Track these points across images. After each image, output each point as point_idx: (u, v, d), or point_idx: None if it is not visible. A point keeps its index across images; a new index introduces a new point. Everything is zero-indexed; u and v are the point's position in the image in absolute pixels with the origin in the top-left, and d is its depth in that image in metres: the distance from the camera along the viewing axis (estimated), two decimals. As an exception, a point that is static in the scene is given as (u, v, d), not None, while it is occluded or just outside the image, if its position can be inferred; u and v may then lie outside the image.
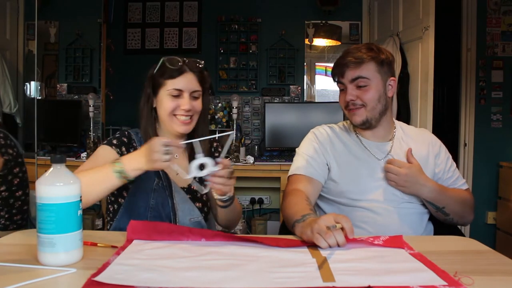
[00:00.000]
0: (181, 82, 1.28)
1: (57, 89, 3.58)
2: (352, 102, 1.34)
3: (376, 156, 1.39)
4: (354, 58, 1.32)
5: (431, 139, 1.47)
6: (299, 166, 1.39)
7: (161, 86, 1.30)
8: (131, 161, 1.09)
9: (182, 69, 1.28)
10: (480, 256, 0.96)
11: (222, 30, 3.66)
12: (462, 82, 3.28)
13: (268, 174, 3.01)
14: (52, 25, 3.55)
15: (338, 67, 1.35)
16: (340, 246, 0.95)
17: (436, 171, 1.41)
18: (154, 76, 1.32)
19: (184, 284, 0.74)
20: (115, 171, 1.07)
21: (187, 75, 1.29)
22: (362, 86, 1.32)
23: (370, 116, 1.35)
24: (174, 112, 1.29)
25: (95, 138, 3.13)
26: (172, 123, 1.30)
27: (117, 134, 1.36)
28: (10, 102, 3.33)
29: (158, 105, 1.33)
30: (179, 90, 1.28)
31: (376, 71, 1.33)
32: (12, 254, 0.89)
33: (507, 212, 3.14)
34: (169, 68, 1.28)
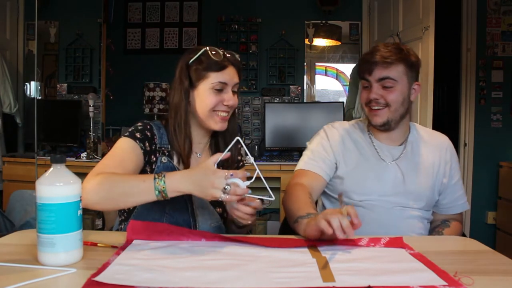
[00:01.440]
0: (225, 76, 1.19)
1: (57, 89, 3.58)
2: (376, 101, 1.31)
3: (385, 159, 1.38)
4: (384, 58, 1.28)
5: (446, 145, 1.44)
6: (306, 161, 1.40)
7: (203, 79, 1.19)
8: (176, 184, 0.96)
9: (226, 63, 1.20)
10: (480, 256, 0.96)
11: (222, 30, 3.66)
12: (462, 82, 3.28)
13: (268, 174, 3.01)
14: (52, 25, 3.55)
15: (366, 64, 1.31)
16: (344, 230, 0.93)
17: (444, 181, 1.39)
18: (192, 67, 1.20)
19: (184, 284, 0.74)
20: (156, 188, 0.96)
21: (230, 69, 1.21)
22: (388, 87, 1.30)
23: (392, 117, 1.32)
24: (215, 108, 1.20)
25: (95, 138, 3.13)
26: (210, 120, 1.21)
27: (139, 125, 1.23)
28: (10, 102, 3.33)
29: (196, 99, 1.21)
30: (224, 83, 1.19)
31: (404, 73, 1.30)
32: (12, 254, 0.89)
33: (507, 212, 3.14)
34: (213, 60, 1.18)
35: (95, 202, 1.00)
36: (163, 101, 3.43)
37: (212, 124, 1.21)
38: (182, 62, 1.22)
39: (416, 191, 1.35)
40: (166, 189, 0.95)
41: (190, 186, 0.95)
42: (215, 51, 1.19)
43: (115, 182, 1.00)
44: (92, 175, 1.04)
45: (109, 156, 1.14)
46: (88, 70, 3.57)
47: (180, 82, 1.21)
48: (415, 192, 1.35)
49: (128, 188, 0.99)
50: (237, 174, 0.92)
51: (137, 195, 0.98)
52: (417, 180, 1.36)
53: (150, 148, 1.20)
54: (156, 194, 0.95)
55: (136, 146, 1.17)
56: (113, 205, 1.04)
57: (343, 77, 3.81)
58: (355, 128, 1.45)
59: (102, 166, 1.09)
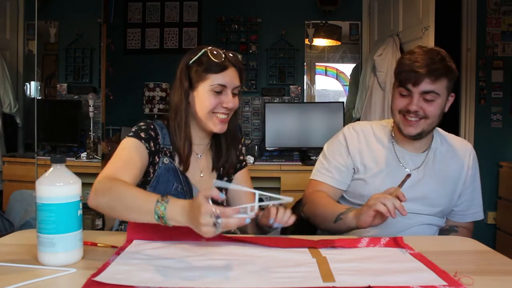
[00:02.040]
0: (225, 78, 1.18)
1: (57, 89, 3.58)
2: (416, 112, 1.25)
3: (407, 167, 1.34)
4: (433, 71, 1.21)
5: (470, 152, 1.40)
6: (322, 172, 1.39)
7: (202, 80, 1.18)
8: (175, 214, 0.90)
9: (227, 63, 1.18)
10: (480, 256, 0.96)
11: (222, 30, 3.66)
12: (462, 82, 3.28)
13: (268, 174, 3.01)
14: (52, 25, 3.55)
15: (412, 74, 1.23)
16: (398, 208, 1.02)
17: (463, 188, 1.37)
18: (192, 68, 1.19)
19: (184, 284, 0.74)
20: (156, 212, 0.90)
21: (230, 70, 1.19)
22: (429, 100, 1.24)
23: (426, 129, 1.28)
24: (214, 110, 1.19)
25: (95, 138, 3.13)
26: (209, 122, 1.20)
27: (142, 125, 1.21)
28: (10, 102, 3.33)
29: (195, 100, 1.20)
30: (223, 86, 1.18)
31: (446, 87, 1.26)
32: (12, 254, 0.89)
33: (507, 212, 3.14)
34: (213, 62, 1.16)
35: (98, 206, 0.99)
36: (163, 101, 3.43)
37: (211, 126, 1.20)
38: (182, 63, 1.21)
39: (433, 197, 1.33)
40: (165, 216, 0.89)
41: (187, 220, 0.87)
42: (216, 51, 1.18)
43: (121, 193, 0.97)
44: (103, 178, 1.03)
45: (116, 156, 1.12)
46: (88, 70, 3.57)
47: (180, 82, 1.20)
48: (432, 198, 1.32)
49: (131, 203, 0.95)
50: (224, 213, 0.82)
51: (138, 213, 0.94)
52: (436, 188, 1.33)
53: (154, 148, 1.19)
54: (155, 218, 0.90)
55: (142, 146, 1.16)
56: (114, 215, 1.03)
57: (343, 77, 3.81)
58: (377, 132, 1.40)
59: (111, 168, 1.08)
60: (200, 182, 1.26)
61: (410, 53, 1.28)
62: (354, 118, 3.39)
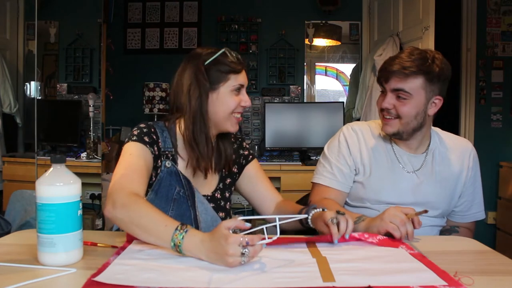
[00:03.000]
0: (243, 78, 1.19)
1: (57, 89, 3.58)
2: (388, 110, 1.26)
3: (405, 168, 1.33)
4: (403, 68, 1.21)
5: (470, 151, 1.39)
6: (326, 176, 1.37)
7: (223, 81, 1.16)
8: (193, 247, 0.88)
9: (242, 64, 1.19)
10: (480, 256, 0.96)
11: (222, 30, 3.66)
12: (462, 82, 3.28)
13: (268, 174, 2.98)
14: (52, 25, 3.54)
15: (384, 72, 1.25)
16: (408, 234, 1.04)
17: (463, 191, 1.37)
18: (209, 69, 1.16)
19: (184, 284, 0.74)
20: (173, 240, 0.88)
21: (244, 70, 1.20)
22: (402, 98, 1.24)
23: (403, 129, 1.27)
24: (234, 110, 1.18)
25: (95, 138, 3.13)
26: (228, 122, 1.19)
27: (144, 128, 1.17)
28: (10, 102, 3.33)
29: (216, 102, 1.17)
30: (242, 85, 1.19)
31: (422, 87, 1.23)
32: (12, 254, 0.89)
33: (507, 212, 3.14)
34: (233, 62, 1.16)
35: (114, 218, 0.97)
36: (163, 101, 3.42)
37: (229, 126, 1.19)
38: (197, 64, 1.16)
39: (433, 201, 1.32)
40: (181, 246, 0.88)
41: (206, 254, 0.86)
42: (234, 52, 1.18)
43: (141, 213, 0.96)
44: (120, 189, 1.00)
45: (126, 163, 1.09)
46: (88, 70, 3.57)
47: (198, 84, 1.15)
48: (432, 202, 1.31)
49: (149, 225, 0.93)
50: (253, 240, 0.83)
51: (154, 236, 0.92)
52: (435, 190, 1.32)
53: (158, 152, 1.17)
54: (171, 245, 0.89)
55: (147, 151, 1.13)
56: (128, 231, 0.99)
57: (343, 77, 3.81)
58: (375, 132, 1.39)
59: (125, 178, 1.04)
60: (203, 184, 1.24)
61: (399, 52, 1.30)
62: (354, 118, 3.39)
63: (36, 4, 2.59)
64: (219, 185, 1.28)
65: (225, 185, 1.30)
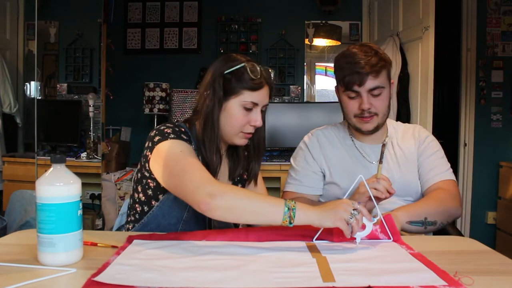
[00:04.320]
0: (259, 96, 1.15)
1: (57, 89, 3.58)
2: (369, 110, 1.30)
3: (369, 159, 1.40)
4: (372, 67, 1.25)
5: (418, 130, 1.45)
6: (292, 183, 1.44)
7: (236, 94, 1.14)
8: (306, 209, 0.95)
9: (263, 82, 1.15)
10: (480, 256, 0.96)
11: (222, 30, 3.66)
12: (462, 82, 3.28)
13: (268, 174, 3.01)
14: (52, 25, 3.55)
15: (356, 75, 1.26)
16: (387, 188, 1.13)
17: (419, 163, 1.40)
18: (226, 78, 1.14)
19: (184, 284, 0.74)
20: (286, 205, 0.94)
21: (264, 89, 1.16)
22: (376, 95, 1.29)
23: (381, 122, 1.35)
24: (242, 128, 1.17)
25: (95, 138, 3.13)
26: (236, 137, 1.18)
27: (175, 127, 1.14)
28: (10, 102, 3.33)
29: (224, 113, 1.15)
30: (255, 104, 1.15)
31: (386, 77, 1.31)
32: (12, 254, 0.89)
33: (507, 212, 3.14)
34: (250, 78, 1.13)
35: (217, 208, 0.96)
36: (163, 101, 3.43)
37: (237, 140, 1.19)
38: (216, 70, 1.16)
39: (404, 186, 1.35)
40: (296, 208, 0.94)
41: (317, 212, 0.95)
42: (254, 67, 1.14)
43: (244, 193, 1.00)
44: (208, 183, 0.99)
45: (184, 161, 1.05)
46: (88, 70, 3.57)
47: (214, 91, 1.14)
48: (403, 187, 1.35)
49: (258, 200, 0.98)
50: (362, 211, 0.97)
51: (266, 209, 0.96)
52: (402, 174, 1.37)
53: None
54: (284, 210, 0.93)
55: (192, 149, 1.12)
56: (234, 216, 0.99)
57: (343, 77, 3.81)
58: (336, 132, 1.47)
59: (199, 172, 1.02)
60: None
61: (345, 56, 1.31)
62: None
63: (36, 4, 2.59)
64: None
65: None
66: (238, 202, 0.96)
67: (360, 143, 1.42)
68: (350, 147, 1.43)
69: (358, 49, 1.30)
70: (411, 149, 1.41)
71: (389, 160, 1.39)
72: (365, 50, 1.29)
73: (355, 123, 1.36)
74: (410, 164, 1.39)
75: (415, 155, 1.41)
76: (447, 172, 1.38)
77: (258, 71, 1.14)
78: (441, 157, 1.41)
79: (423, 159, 1.40)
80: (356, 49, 1.30)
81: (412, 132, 1.45)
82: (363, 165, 1.39)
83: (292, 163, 1.49)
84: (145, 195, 1.17)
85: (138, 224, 1.16)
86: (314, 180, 1.43)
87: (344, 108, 1.37)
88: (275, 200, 0.97)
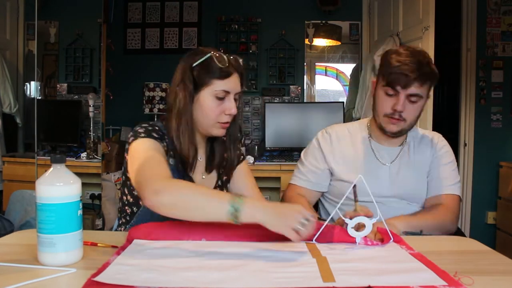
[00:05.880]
0: (229, 84, 1.16)
1: (57, 89, 3.58)
2: (401, 113, 1.29)
3: (381, 160, 1.39)
4: (422, 75, 1.24)
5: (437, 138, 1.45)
6: (299, 177, 1.47)
7: (206, 85, 1.15)
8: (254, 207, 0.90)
9: (231, 69, 1.16)
10: (480, 256, 0.96)
11: (222, 30, 3.66)
12: (462, 82, 3.28)
13: (268, 174, 3.01)
14: (52, 25, 3.55)
15: (402, 76, 1.25)
16: None
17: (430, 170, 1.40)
18: (195, 70, 1.16)
19: (184, 284, 0.74)
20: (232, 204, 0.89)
21: (234, 76, 1.17)
22: (413, 102, 1.28)
23: (406, 128, 1.34)
24: (218, 120, 1.18)
25: (95, 138, 3.13)
26: (213, 128, 1.19)
27: (148, 127, 1.16)
28: (10, 102, 3.33)
29: (197, 105, 1.17)
30: (227, 92, 1.16)
31: (428, 89, 1.30)
32: (12, 254, 0.89)
33: (507, 212, 3.14)
34: (218, 67, 1.14)
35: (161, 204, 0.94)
36: (163, 101, 3.43)
37: (214, 131, 1.20)
38: (185, 64, 1.18)
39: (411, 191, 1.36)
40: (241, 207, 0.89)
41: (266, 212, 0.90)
42: (220, 56, 1.15)
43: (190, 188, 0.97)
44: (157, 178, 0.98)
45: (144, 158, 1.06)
46: (88, 70, 3.57)
47: (184, 85, 1.16)
48: (410, 193, 1.36)
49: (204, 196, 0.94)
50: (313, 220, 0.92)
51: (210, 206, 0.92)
52: (412, 179, 1.37)
53: (166, 148, 1.17)
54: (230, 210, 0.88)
55: (159, 145, 1.13)
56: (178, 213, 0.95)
57: (343, 77, 3.81)
58: (354, 130, 1.46)
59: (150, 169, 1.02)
60: (202, 182, 1.26)
61: (397, 54, 1.28)
62: (354, 118, 3.39)
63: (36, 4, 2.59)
64: (217, 182, 1.31)
65: (223, 182, 1.33)
66: (182, 198, 0.94)
67: (376, 144, 1.42)
68: (364, 146, 1.42)
69: (413, 53, 1.28)
70: (426, 156, 1.41)
71: (403, 164, 1.39)
72: (419, 56, 1.27)
73: (382, 121, 1.34)
74: (423, 171, 1.39)
75: (429, 162, 1.40)
76: (453, 186, 1.38)
77: (225, 59, 1.15)
78: (452, 170, 1.41)
79: (434, 167, 1.40)
80: (411, 51, 1.28)
81: (431, 139, 1.44)
82: (374, 165, 1.38)
83: (302, 157, 1.51)
84: (132, 196, 1.19)
85: (129, 225, 1.17)
86: (319, 177, 1.44)
87: (376, 103, 1.35)
88: (221, 196, 0.93)
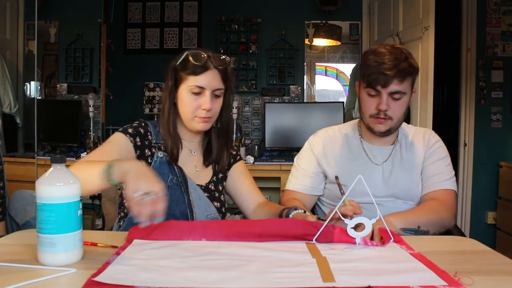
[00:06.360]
0: (203, 79, 1.21)
1: (57, 89, 3.58)
2: (385, 112, 1.29)
3: (374, 160, 1.40)
4: (400, 72, 1.24)
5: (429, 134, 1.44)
6: (293, 181, 1.47)
7: (183, 81, 1.23)
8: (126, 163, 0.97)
9: (206, 66, 1.21)
10: (480, 256, 0.96)
11: (222, 30, 3.66)
12: (462, 82, 3.28)
13: (268, 174, 3.01)
14: (52, 25, 3.55)
15: (382, 76, 1.25)
16: None
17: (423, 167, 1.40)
18: (177, 69, 1.25)
19: (184, 284, 0.74)
20: (108, 164, 0.96)
21: (210, 72, 1.22)
22: (396, 99, 1.28)
23: (394, 126, 1.34)
24: (195, 114, 1.24)
25: (95, 138, 3.13)
26: (192, 122, 1.25)
27: (134, 123, 1.29)
28: (10, 102, 3.33)
29: (178, 100, 1.26)
30: (201, 87, 1.21)
31: (410, 84, 1.30)
32: (12, 254, 0.89)
33: (507, 212, 3.14)
34: (192, 63, 1.21)
35: None
36: (163, 101, 3.43)
37: (194, 125, 1.26)
38: (171, 64, 1.28)
39: (407, 189, 1.36)
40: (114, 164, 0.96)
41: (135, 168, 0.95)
42: (197, 54, 1.22)
43: (79, 164, 1.05)
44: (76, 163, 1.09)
45: (99, 148, 1.23)
46: (88, 70, 3.57)
47: (166, 84, 1.27)
48: (406, 191, 1.36)
49: (85, 167, 1.02)
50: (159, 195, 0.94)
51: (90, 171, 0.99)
52: (405, 178, 1.37)
53: (141, 143, 1.25)
54: (104, 168, 0.96)
55: (126, 140, 1.23)
56: None
57: (343, 77, 3.81)
58: (345, 131, 1.47)
59: (89, 155, 1.16)
60: (196, 176, 1.31)
61: (375, 54, 1.29)
62: (354, 118, 3.38)
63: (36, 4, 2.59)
64: (212, 178, 1.34)
65: (218, 179, 1.36)
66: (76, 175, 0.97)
67: (368, 144, 1.42)
68: (356, 147, 1.42)
69: (390, 50, 1.28)
70: (419, 153, 1.40)
71: (395, 163, 1.39)
72: (396, 53, 1.27)
73: (369, 122, 1.35)
74: (416, 168, 1.39)
75: (422, 159, 1.40)
76: (448, 181, 1.38)
77: (200, 57, 1.21)
78: (446, 165, 1.40)
79: (428, 164, 1.39)
80: (387, 49, 1.28)
81: (423, 136, 1.44)
82: (367, 166, 1.39)
83: (295, 162, 1.51)
84: None
85: (127, 218, 1.24)
86: (313, 180, 1.44)
87: (361, 105, 1.36)
88: (101, 163, 0.99)
